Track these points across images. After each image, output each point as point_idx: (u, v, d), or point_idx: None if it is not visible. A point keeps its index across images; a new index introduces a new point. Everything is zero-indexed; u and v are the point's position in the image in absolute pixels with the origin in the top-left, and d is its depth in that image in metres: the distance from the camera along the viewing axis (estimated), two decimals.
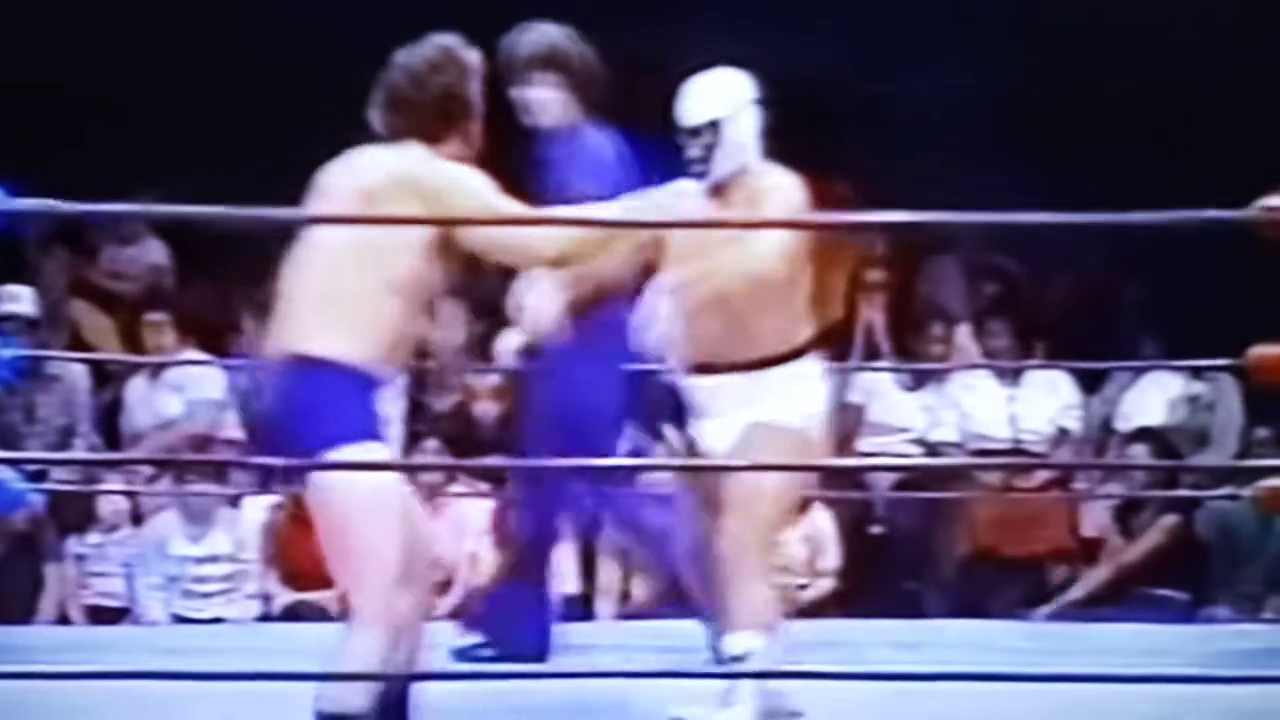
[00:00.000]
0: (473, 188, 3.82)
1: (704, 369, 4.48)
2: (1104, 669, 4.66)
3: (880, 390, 8.16)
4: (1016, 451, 7.96)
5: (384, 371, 3.79)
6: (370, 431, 3.75)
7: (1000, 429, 7.98)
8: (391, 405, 7.89)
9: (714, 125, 4.52)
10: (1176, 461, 7.70)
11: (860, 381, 8.20)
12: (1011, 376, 8.07)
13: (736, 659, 4.37)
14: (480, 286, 6.86)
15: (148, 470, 7.89)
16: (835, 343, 4.66)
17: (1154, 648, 5.74)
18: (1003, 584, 7.56)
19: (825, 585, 7.51)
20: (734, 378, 4.46)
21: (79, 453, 7.58)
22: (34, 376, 7.57)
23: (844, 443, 8.05)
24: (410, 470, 3.77)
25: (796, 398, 4.48)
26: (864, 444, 8.05)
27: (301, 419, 3.72)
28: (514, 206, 3.87)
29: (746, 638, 4.36)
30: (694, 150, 4.52)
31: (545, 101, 5.36)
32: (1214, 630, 6.60)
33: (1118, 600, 7.39)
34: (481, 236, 3.88)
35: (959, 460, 8.15)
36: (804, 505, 7.50)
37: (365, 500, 3.71)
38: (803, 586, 7.49)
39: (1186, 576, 7.39)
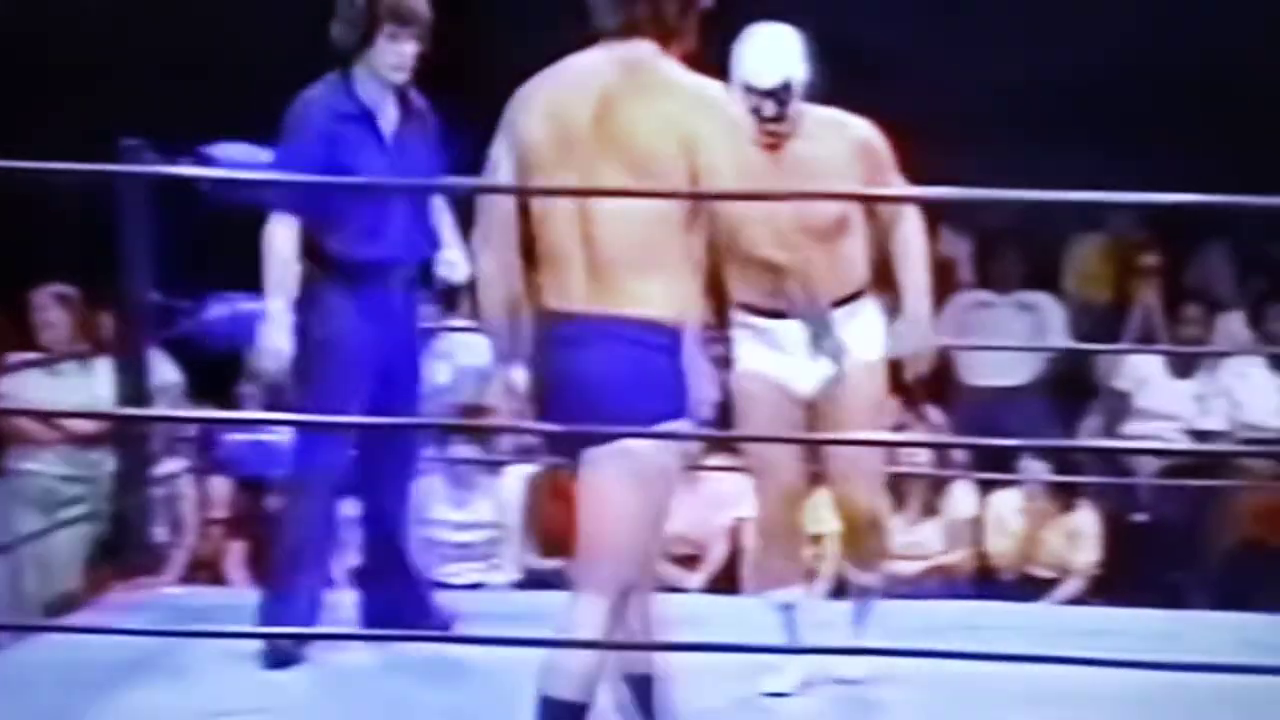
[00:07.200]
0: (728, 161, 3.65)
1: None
2: None
3: (1150, 376, 8.03)
4: None
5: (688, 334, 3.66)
6: (686, 408, 3.65)
7: (1272, 418, 7.80)
8: None
9: (788, 86, 4.54)
10: None
11: (1129, 367, 8.09)
12: None
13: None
14: None
15: None
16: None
17: None
18: (1270, 576, 7.39)
19: (1079, 580, 7.45)
20: None
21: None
22: None
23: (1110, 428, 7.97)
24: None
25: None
26: (1131, 430, 7.93)
27: (627, 386, 3.59)
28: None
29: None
30: (768, 109, 4.52)
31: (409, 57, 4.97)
32: None
33: None
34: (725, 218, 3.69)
35: (1225, 447, 7.98)
36: (1069, 501, 7.47)
37: (652, 476, 3.61)
38: (1055, 581, 7.45)
39: None
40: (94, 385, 6.90)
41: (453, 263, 5.09)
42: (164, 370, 7.01)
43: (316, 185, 4.86)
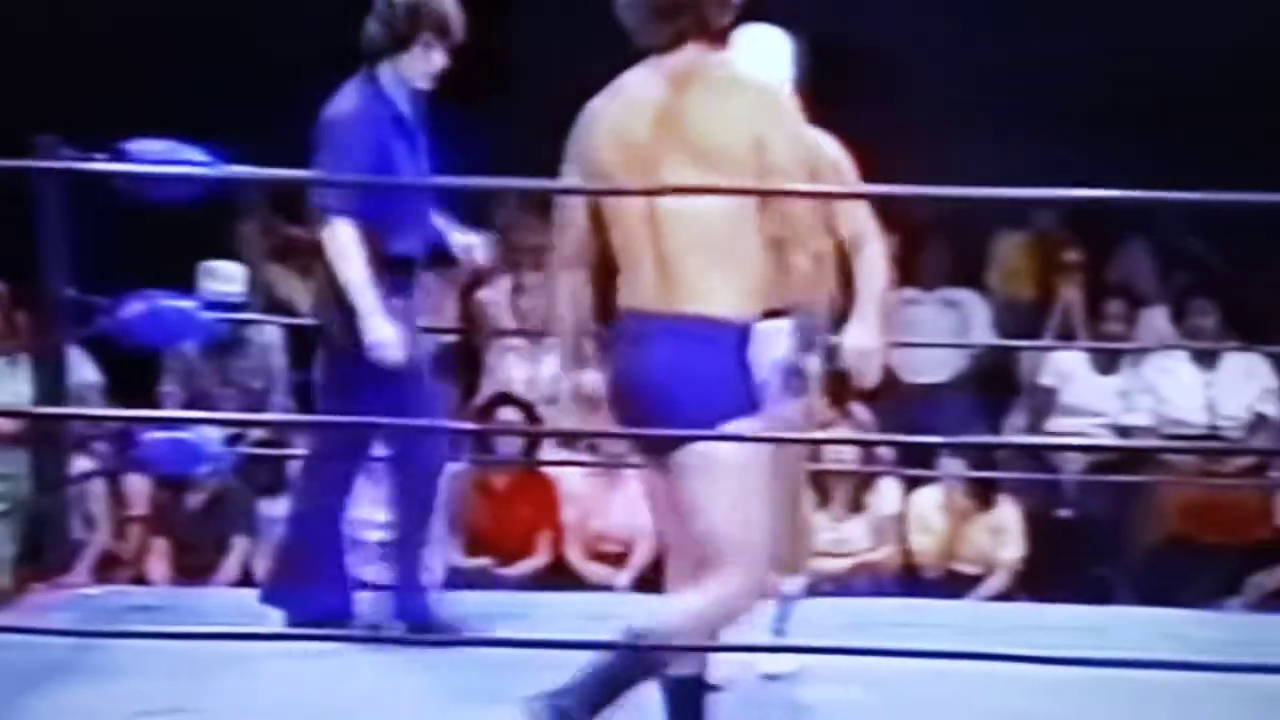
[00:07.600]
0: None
1: None
2: None
3: (1074, 372, 8.05)
4: (1212, 437, 7.81)
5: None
6: (758, 403, 3.70)
7: (1196, 414, 7.84)
8: None
9: None
10: None
11: (1053, 363, 8.11)
12: (1209, 361, 7.92)
13: None
14: None
15: None
16: None
17: None
18: (1195, 572, 7.43)
19: (1004, 576, 7.46)
20: None
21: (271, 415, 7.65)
22: (231, 341, 7.67)
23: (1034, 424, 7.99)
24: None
25: None
26: (1055, 426, 7.95)
27: (695, 385, 3.64)
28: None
29: None
30: None
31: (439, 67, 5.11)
32: None
33: None
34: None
35: (1150, 443, 8.01)
36: (990, 498, 7.49)
37: (731, 471, 3.65)
38: (981, 577, 7.47)
39: None
40: (19, 384, 6.85)
41: (472, 245, 5.26)
42: (83, 369, 6.94)
43: (370, 186, 5.01)
